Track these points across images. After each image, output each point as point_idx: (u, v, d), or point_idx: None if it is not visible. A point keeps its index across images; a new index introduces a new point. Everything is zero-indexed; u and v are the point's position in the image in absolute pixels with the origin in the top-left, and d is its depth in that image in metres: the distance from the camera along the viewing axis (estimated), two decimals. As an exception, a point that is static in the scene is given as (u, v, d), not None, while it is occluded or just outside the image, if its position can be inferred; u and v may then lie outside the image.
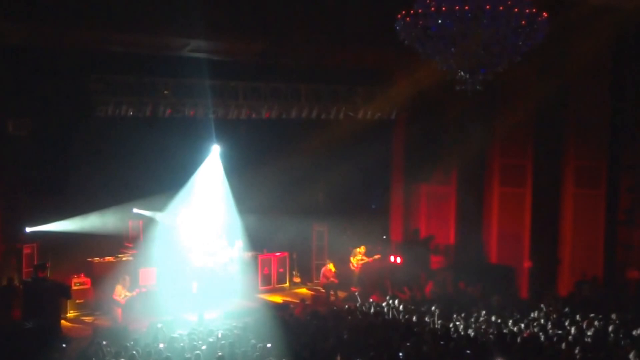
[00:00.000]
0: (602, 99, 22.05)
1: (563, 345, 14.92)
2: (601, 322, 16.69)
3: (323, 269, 23.10)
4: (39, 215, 20.30)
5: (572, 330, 16.13)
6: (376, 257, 23.52)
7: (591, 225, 22.54)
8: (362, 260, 23.30)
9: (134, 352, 14.63)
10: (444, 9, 11.81)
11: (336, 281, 22.76)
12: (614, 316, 17.20)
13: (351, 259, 23.41)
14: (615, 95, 22.03)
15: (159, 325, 17.02)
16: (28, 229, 20.18)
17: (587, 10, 18.52)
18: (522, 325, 16.85)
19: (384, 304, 19.45)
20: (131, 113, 19.00)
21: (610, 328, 16.20)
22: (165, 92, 19.40)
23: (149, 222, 23.09)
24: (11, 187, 18.80)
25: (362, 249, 23.47)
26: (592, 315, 17.18)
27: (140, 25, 16.83)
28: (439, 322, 17.27)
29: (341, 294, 22.88)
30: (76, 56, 17.69)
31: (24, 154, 17.65)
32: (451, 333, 16.13)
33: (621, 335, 15.73)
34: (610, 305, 18.75)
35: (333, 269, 22.85)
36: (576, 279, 22.08)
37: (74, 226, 20.94)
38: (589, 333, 15.90)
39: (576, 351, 14.38)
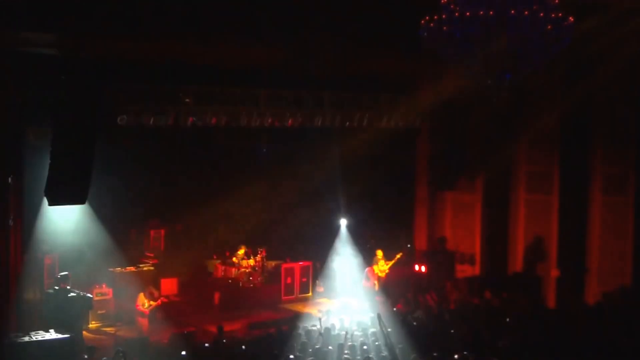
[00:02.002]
0: (630, 104, 21.74)
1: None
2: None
3: (367, 270, 22.91)
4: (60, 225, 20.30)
5: (601, 340, 15.88)
6: (398, 256, 23.25)
7: (620, 232, 22.20)
8: (384, 266, 23.09)
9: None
10: (468, 14, 11.65)
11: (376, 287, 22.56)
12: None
13: (374, 267, 23.21)
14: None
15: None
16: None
17: (615, 14, 18.23)
18: (549, 335, 16.59)
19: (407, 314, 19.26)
20: (152, 122, 18.91)
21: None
22: (187, 100, 19.31)
23: (170, 232, 23.06)
24: (32, 197, 18.73)
25: (379, 254, 23.27)
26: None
27: (159, 34, 16.71)
28: (465, 331, 17.03)
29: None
30: (96, 65, 17.62)
31: (44, 164, 17.56)
32: (477, 343, 15.90)
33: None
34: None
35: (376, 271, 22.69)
36: (604, 288, 21.74)
37: (95, 236, 20.91)
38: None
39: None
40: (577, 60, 19.04)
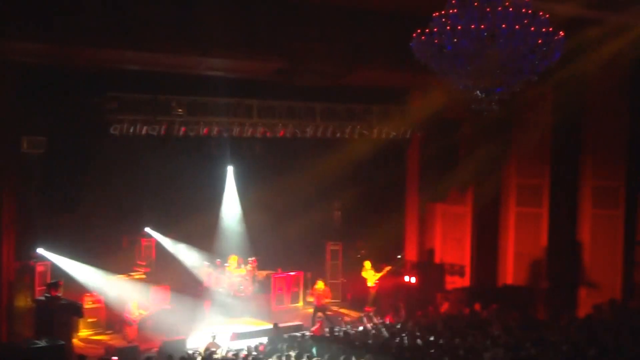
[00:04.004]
0: (620, 119, 21.82)
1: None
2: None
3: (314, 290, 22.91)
4: (53, 233, 20.32)
5: (591, 352, 15.90)
6: (387, 269, 23.37)
7: (610, 245, 22.24)
8: (373, 277, 23.18)
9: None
10: (459, 27, 11.72)
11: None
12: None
13: (363, 274, 23.33)
14: (634, 115, 21.80)
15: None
16: (40, 250, 20.18)
17: (605, 29, 18.38)
18: (539, 348, 16.63)
19: (398, 325, 19.30)
20: (145, 131, 18.97)
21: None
22: (180, 110, 19.35)
23: (161, 241, 23.08)
24: (25, 205, 18.77)
25: (367, 265, 23.37)
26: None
27: (154, 44, 16.79)
28: (455, 343, 17.06)
29: (355, 314, 22.79)
30: (91, 74, 17.71)
31: (38, 172, 17.63)
32: (466, 354, 15.94)
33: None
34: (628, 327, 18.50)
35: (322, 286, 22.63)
36: (594, 301, 21.80)
37: (87, 245, 20.95)
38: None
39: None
40: (567, 74, 19.13)
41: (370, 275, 23.24)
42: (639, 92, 21.46)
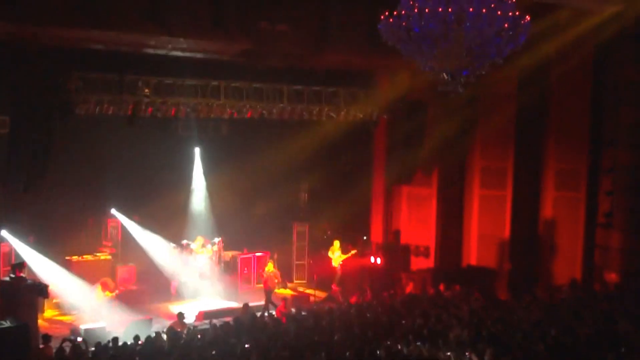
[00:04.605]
0: (583, 103, 22.08)
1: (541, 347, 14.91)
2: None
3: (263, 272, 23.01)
4: (18, 213, 20.20)
5: (552, 332, 16.13)
6: (352, 252, 23.56)
7: (571, 227, 22.55)
8: (340, 256, 23.34)
9: (112, 351, 14.57)
10: (427, 10, 11.80)
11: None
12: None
13: (329, 254, 23.47)
14: (596, 100, 22.07)
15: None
16: (3, 231, 20.07)
17: (570, 14, 18.58)
18: (501, 327, 16.83)
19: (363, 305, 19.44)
20: (111, 112, 18.84)
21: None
22: (146, 90, 19.24)
23: (128, 222, 23.03)
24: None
25: (336, 244, 23.53)
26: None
27: (121, 23, 16.69)
28: (418, 323, 17.22)
29: (322, 294, 22.97)
30: (56, 53, 17.55)
31: (2, 152, 17.47)
32: (430, 334, 16.09)
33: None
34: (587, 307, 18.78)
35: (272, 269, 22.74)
36: (555, 282, 22.12)
37: (52, 225, 20.87)
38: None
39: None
40: (532, 58, 19.33)
41: (336, 256, 23.39)
42: (602, 77, 21.74)
